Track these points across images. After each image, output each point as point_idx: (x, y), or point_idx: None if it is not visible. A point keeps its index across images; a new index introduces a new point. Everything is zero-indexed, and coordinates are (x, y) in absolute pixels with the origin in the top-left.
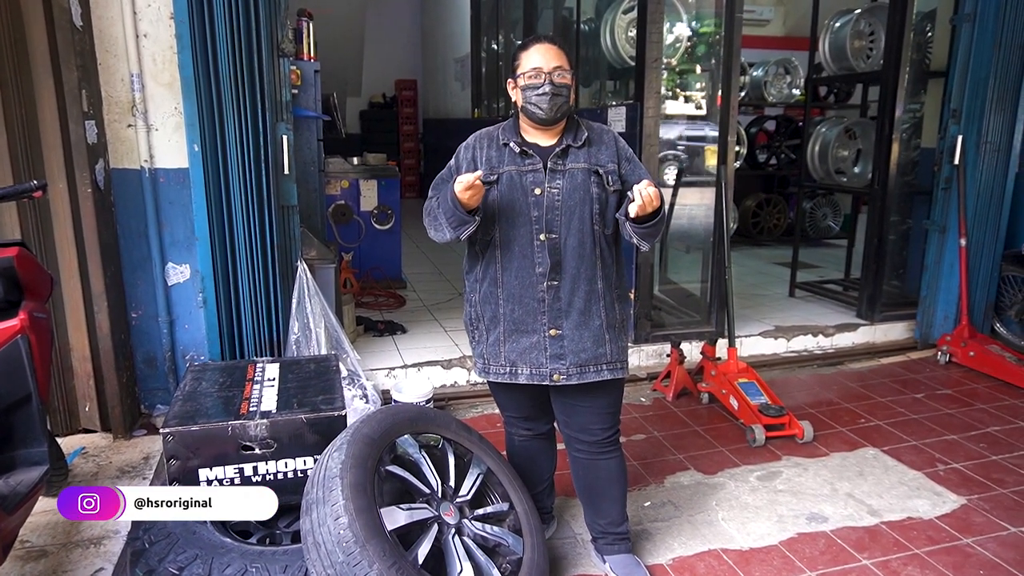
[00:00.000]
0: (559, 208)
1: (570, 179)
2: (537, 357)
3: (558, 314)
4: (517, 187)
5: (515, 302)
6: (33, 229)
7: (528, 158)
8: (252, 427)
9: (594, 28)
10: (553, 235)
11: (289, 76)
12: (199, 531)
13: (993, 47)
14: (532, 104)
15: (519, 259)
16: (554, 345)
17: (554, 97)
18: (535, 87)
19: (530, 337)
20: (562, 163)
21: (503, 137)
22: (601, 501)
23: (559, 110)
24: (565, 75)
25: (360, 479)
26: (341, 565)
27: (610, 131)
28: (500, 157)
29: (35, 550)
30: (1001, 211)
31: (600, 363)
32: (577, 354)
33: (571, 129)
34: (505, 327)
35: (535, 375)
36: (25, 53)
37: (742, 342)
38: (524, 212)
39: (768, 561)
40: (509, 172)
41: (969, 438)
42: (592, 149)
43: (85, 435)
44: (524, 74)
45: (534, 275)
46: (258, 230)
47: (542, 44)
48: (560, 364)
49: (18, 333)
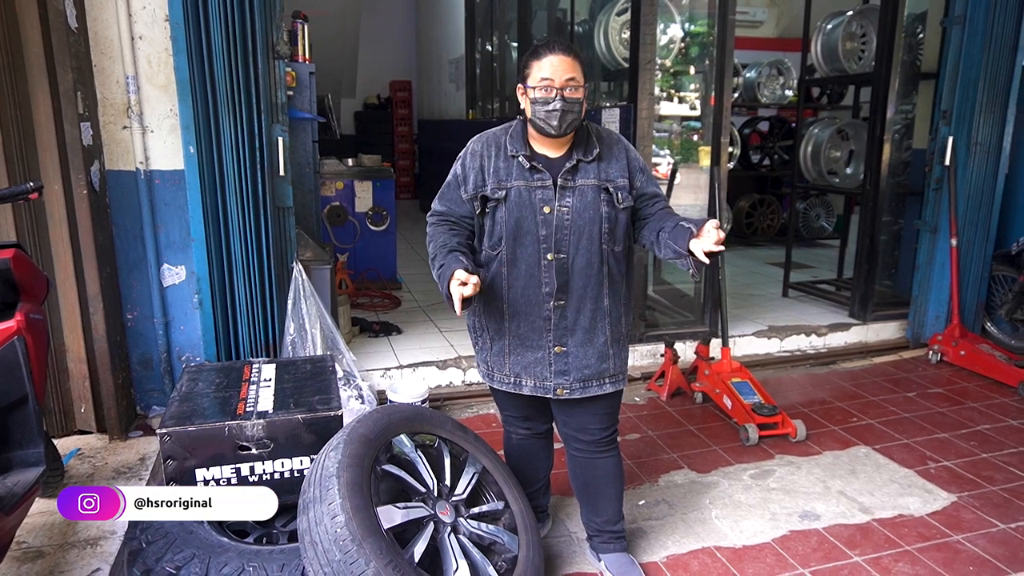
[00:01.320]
0: (568, 228)
1: (580, 197)
2: (541, 372)
3: (563, 332)
4: (526, 204)
5: (520, 319)
6: (29, 231)
7: (537, 173)
8: (249, 427)
9: (588, 29)
10: (561, 255)
11: (284, 78)
12: (196, 531)
13: (983, 49)
14: (541, 120)
15: (525, 278)
16: (559, 361)
17: (565, 114)
18: (545, 101)
19: (535, 353)
20: (572, 180)
21: (511, 147)
22: (598, 499)
23: (569, 126)
24: (578, 88)
25: (357, 478)
26: (338, 563)
27: (621, 140)
28: (508, 169)
29: (32, 551)
30: (991, 211)
31: (603, 377)
32: (581, 370)
33: (581, 141)
34: (510, 341)
35: (539, 388)
36: (20, 55)
37: (736, 342)
38: (532, 231)
39: (761, 558)
40: (518, 187)
41: (960, 436)
42: (603, 164)
43: (81, 436)
44: (534, 86)
45: (540, 294)
46: (254, 231)
47: (555, 54)
48: (564, 380)
49: (14, 334)
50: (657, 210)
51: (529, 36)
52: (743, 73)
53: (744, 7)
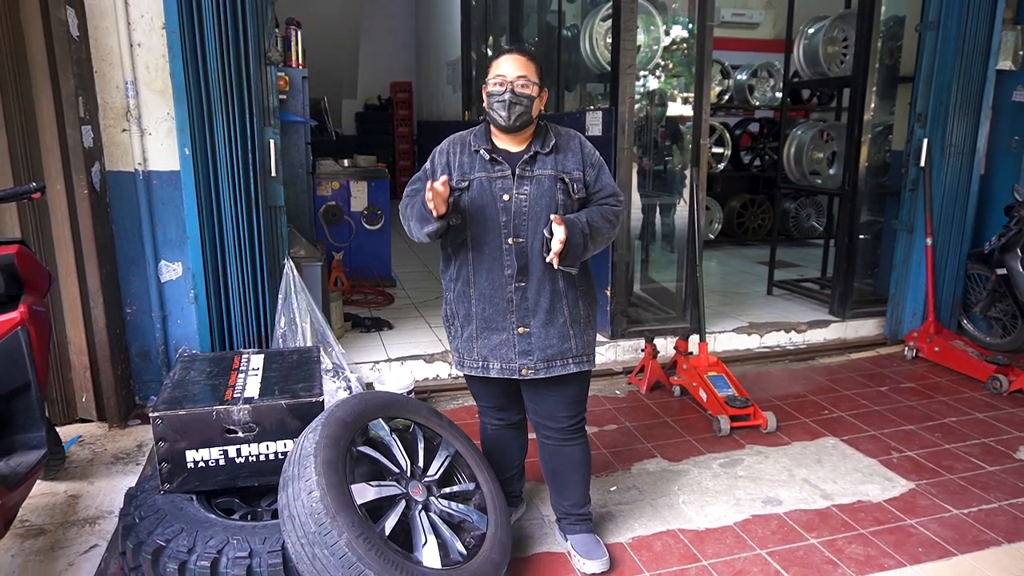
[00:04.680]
0: (526, 214)
1: (537, 185)
2: (507, 353)
3: (526, 313)
4: (487, 193)
5: (486, 302)
6: (32, 228)
7: (497, 164)
8: (235, 412)
9: (576, 34)
10: (520, 239)
11: (276, 83)
12: (186, 507)
13: (956, 54)
14: (493, 110)
15: (489, 261)
16: (522, 342)
17: (512, 105)
18: (496, 94)
19: (500, 335)
20: (530, 170)
21: (475, 143)
22: (565, 484)
23: (518, 118)
24: (528, 85)
25: (332, 457)
26: (313, 535)
27: (577, 136)
28: (471, 163)
29: (34, 528)
30: (966, 211)
31: (566, 357)
32: (544, 350)
33: (539, 136)
34: (477, 324)
35: (505, 369)
36: (25, 62)
37: (716, 338)
38: (493, 217)
39: (722, 540)
40: (479, 178)
41: (926, 428)
42: (559, 156)
43: (82, 424)
44: (490, 81)
45: (503, 277)
46: (246, 230)
47: (511, 55)
48: (528, 360)
49: (18, 325)
50: (598, 199)
51: (521, 40)
52: (734, 75)
53: (741, 8)
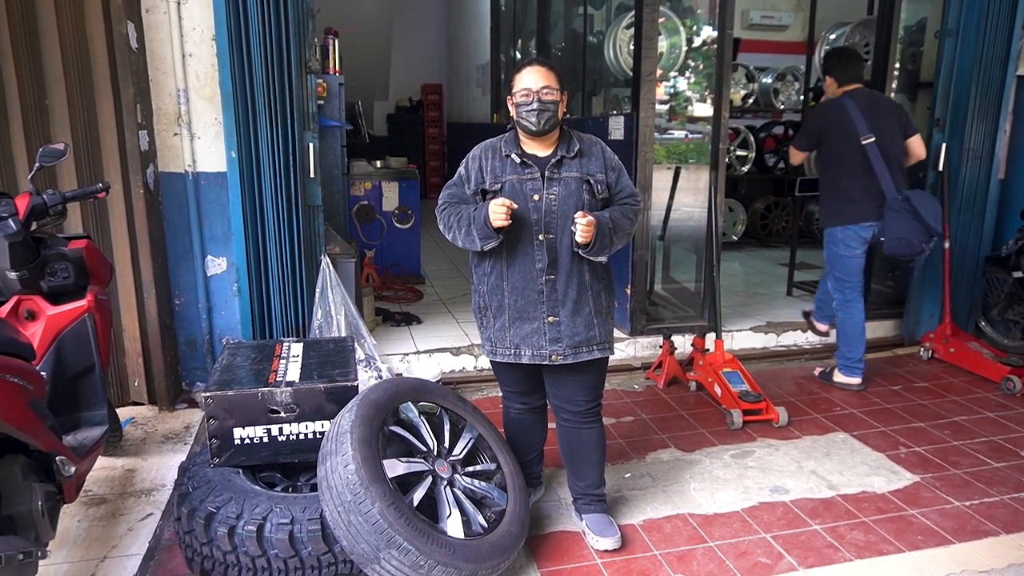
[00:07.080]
0: (556, 212)
1: (564, 187)
2: (538, 340)
3: (555, 303)
4: (519, 194)
5: (518, 293)
6: (93, 225)
7: (528, 168)
8: (278, 394)
9: (601, 40)
10: (551, 235)
11: (315, 90)
12: (233, 479)
13: (974, 60)
14: (523, 119)
15: (521, 256)
16: (552, 330)
17: (541, 112)
18: (525, 104)
19: (531, 324)
20: (557, 172)
21: (505, 149)
22: (582, 465)
23: (547, 122)
24: (552, 93)
25: (367, 435)
26: (349, 503)
27: (598, 142)
28: (503, 167)
29: (97, 497)
30: (984, 215)
31: (592, 344)
32: (572, 337)
33: (564, 141)
34: (510, 315)
35: (536, 356)
36: (89, 72)
37: (734, 336)
38: (525, 215)
39: (729, 524)
40: (511, 180)
41: (935, 425)
42: (584, 160)
43: (134, 407)
44: (517, 93)
45: (534, 270)
46: (286, 227)
47: (532, 67)
48: (558, 346)
49: (86, 312)
50: (619, 199)
51: (548, 45)
52: (759, 78)
53: (770, 11)
